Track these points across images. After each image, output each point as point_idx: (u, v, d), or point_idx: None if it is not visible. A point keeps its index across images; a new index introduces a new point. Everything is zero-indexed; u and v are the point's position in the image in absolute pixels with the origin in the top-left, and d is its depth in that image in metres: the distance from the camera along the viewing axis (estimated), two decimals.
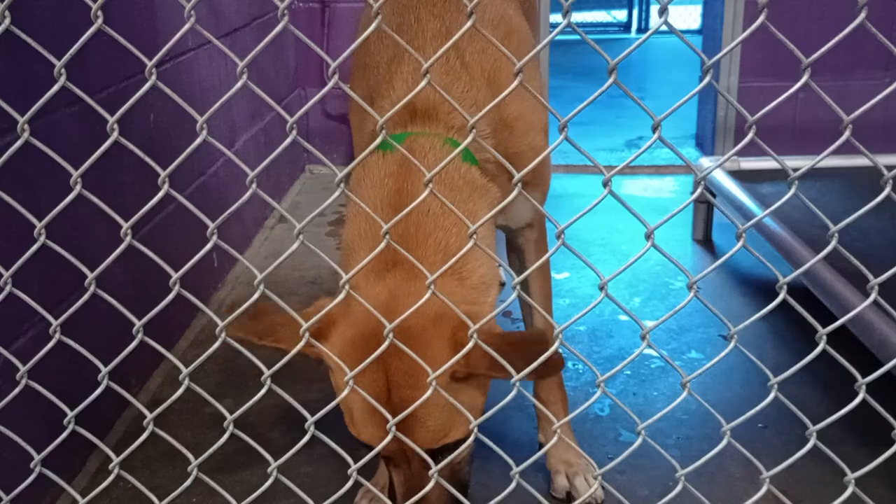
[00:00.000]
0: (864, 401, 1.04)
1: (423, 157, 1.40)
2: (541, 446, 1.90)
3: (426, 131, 1.45)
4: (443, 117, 1.46)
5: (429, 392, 1.07)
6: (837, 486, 1.78)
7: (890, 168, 0.90)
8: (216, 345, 1.07)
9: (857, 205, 0.92)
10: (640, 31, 8.62)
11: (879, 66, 3.80)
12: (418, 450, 1.14)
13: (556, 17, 4.93)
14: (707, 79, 0.81)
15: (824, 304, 2.11)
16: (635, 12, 8.71)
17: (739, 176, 2.96)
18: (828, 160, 0.91)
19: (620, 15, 8.81)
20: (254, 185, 0.92)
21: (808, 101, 3.75)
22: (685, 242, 3.22)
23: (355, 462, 1.14)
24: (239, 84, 0.87)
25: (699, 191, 0.92)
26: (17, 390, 1.15)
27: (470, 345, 1.04)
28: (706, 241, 3.23)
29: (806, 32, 3.67)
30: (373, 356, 1.10)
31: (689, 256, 3.14)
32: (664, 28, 0.84)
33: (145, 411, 1.13)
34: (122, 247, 0.99)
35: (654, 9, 8.68)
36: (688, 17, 8.07)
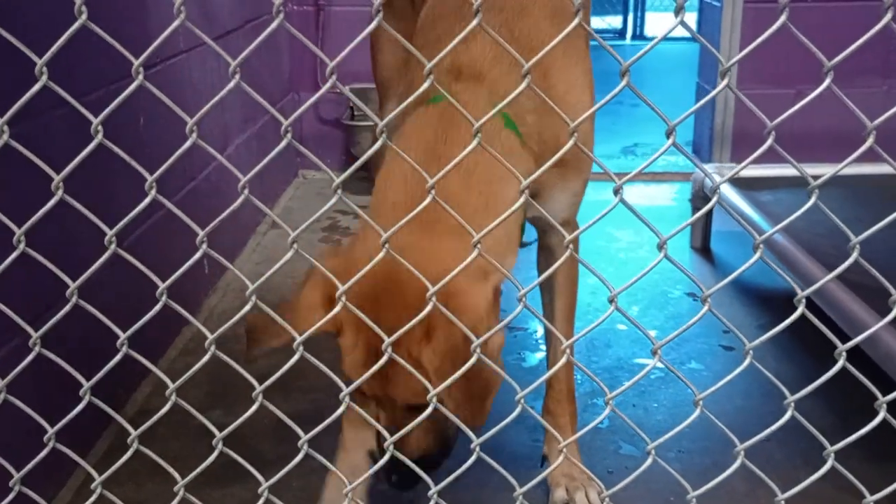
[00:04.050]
0: (866, 415, 1.01)
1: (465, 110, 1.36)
2: (544, 458, 1.86)
3: (469, 87, 1.45)
4: (488, 83, 1.45)
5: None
6: (841, 499, 1.75)
7: None
8: (205, 358, 1.03)
9: (856, 214, 0.89)
10: (636, 37, 8.60)
11: (878, 74, 3.78)
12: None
13: None
14: (725, 81, 0.77)
15: (826, 313, 2.07)
16: (630, 19, 8.69)
17: (739, 184, 2.92)
18: (821, 168, 0.88)
19: (615, 21, 8.80)
20: (246, 191, 0.88)
21: (804, 108, 3.72)
22: (683, 251, 3.18)
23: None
24: (232, 84, 0.83)
25: (714, 201, 0.88)
26: None
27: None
28: (704, 250, 3.20)
29: (807, 39, 3.66)
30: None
31: (687, 265, 3.10)
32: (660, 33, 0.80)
33: (130, 428, 1.09)
34: (106, 255, 0.94)
35: (650, 16, 8.68)
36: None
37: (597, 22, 8.81)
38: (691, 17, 7.66)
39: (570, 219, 1.71)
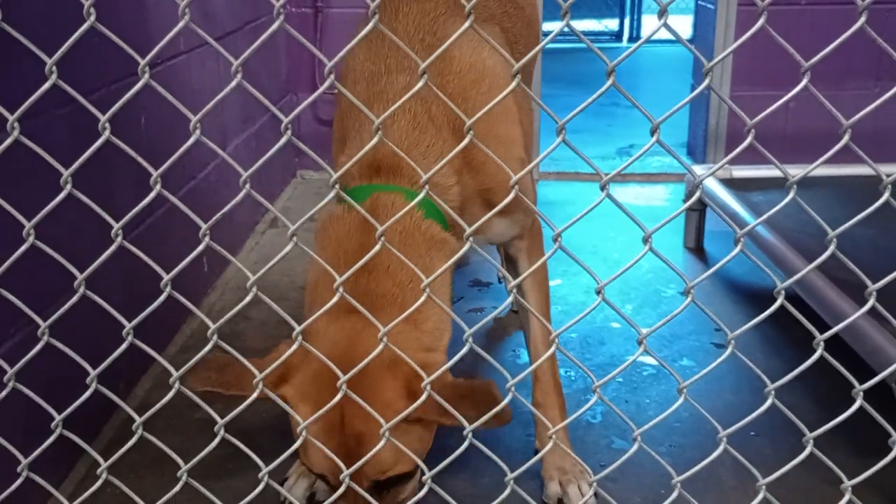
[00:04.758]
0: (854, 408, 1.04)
1: (385, 214, 1.46)
2: (537, 452, 1.89)
3: (390, 185, 1.50)
4: (407, 172, 1.50)
5: (381, 442, 1.12)
6: (827, 493, 1.79)
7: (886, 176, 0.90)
8: (208, 347, 1.06)
9: (845, 213, 0.92)
10: (632, 39, 8.64)
11: (870, 76, 3.82)
12: (363, 493, 1.24)
13: (547, 26, 4.94)
14: (707, 81, 0.80)
15: (815, 310, 2.11)
16: (626, 21, 8.73)
17: (731, 184, 2.96)
18: (816, 169, 0.91)
19: (612, 24, 8.84)
20: (247, 186, 0.91)
21: (798, 109, 3.76)
22: (677, 250, 3.22)
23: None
24: (234, 83, 0.86)
25: (697, 195, 0.91)
26: (3, 393, 1.13)
27: (423, 397, 1.12)
28: (698, 249, 3.24)
29: (797, 42, 3.69)
30: (329, 405, 1.15)
31: (680, 264, 3.14)
32: (658, 35, 0.83)
33: (134, 415, 1.12)
34: (113, 247, 0.98)
35: (646, 18, 8.72)
36: (679, 26, 8.08)
37: (593, 24, 8.85)
38: (687, 20, 7.72)
39: (523, 231, 1.77)
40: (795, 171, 0.90)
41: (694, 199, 0.92)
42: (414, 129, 1.53)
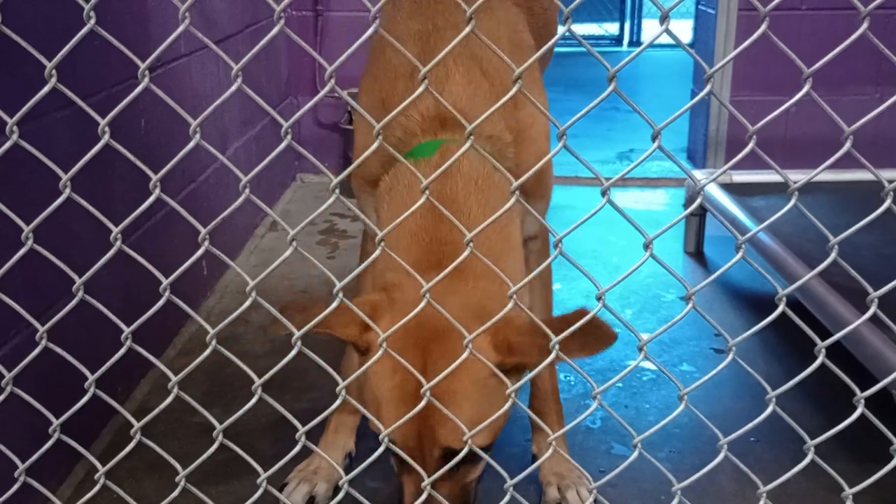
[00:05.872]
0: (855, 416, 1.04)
1: (458, 164, 1.44)
2: (534, 458, 1.89)
3: (457, 139, 1.48)
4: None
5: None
6: (828, 500, 1.79)
7: (888, 182, 0.89)
8: (207, 352, 1.05)
9: (847, 219, 0.92)
10: (632, 44, 8.65)
11: (870, 82, 3.81)
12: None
13: None
14: (708, 87, 0.80)
15: (816, 317, 2.11)
16: (627, 25, 8.74)
17: (732, 189, 2.96)
18: (819, 175, 0.90)
19: (612, 28, 8.84)
20: (247, 190, 0.91)
21: (799, 115, 3.76)
22: (677, 255, 3.22)
23: (346, 473, 1.12)
24: (234, 87, 0.86)
25: (699, 201, 0.91)
26: (1, 397, 1.13)
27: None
28: (698, 254, 3.24)
29: (797, 47, 3.69)
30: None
31: (681, 269, 3.13)
32: (658, 40, 0.83)
33: (132, 420, 1.11)
34: (112, 251, 0.97)
35: (647, 22, 8.72)
36: (679, 31, 8.09)
37: (594, 28, 8.85)
38: (687, 25, 7.72)
39: (540, 233, 1.78)
40: (796, 177, 0.90)
41: (695, 204, 0.91)
42: (469, 83, 1.52)
